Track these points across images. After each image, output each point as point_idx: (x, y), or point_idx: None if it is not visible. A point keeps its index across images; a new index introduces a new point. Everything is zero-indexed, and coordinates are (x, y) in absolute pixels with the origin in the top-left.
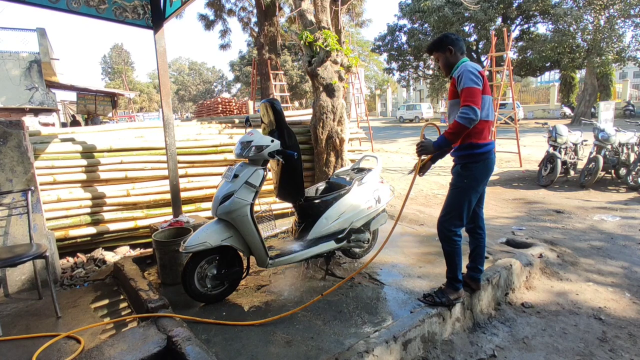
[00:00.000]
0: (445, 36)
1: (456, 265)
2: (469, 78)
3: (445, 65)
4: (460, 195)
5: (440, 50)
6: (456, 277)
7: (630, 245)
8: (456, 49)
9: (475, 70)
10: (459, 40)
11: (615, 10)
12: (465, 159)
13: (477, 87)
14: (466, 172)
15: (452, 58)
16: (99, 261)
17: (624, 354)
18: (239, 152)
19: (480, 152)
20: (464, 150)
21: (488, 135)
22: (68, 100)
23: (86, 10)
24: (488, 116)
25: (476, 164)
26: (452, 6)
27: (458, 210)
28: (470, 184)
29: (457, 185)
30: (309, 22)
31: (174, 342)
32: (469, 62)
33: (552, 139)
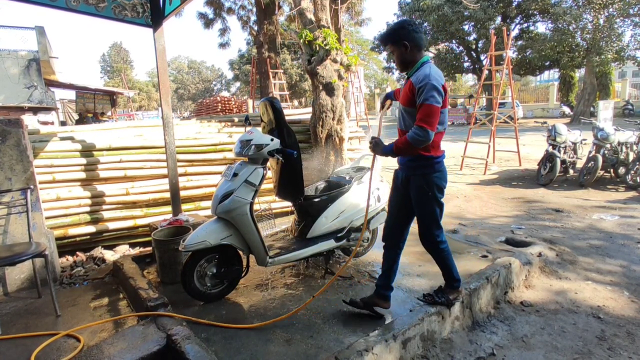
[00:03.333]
0: (401, 27)
1: (451, 266)
2: (432, 95)
3: (399, 61)
4: (430, 206)
5: (394, 44)
6: (453, 277)
7: (629, 244)
8: (413, 44)
9: (440, 85)
10: (418, 32)
11: (614, 10)
12: (423, 169)
13: (439, 105)
14: (429, 183)
15: (408, 55)
16: (99, 260)
17: (622, 352)
18: (238, 151)
19: (438, 161)
20: (420, 161)
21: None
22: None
23: (85, 9)
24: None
25: (436, 173)
26: (451, 5)
27: (433, 219)
28: (435, 194)
29: (424, 200)
30: (309, 20)
31: (173, 340)
32: (433, 71)
33: (551, 138)
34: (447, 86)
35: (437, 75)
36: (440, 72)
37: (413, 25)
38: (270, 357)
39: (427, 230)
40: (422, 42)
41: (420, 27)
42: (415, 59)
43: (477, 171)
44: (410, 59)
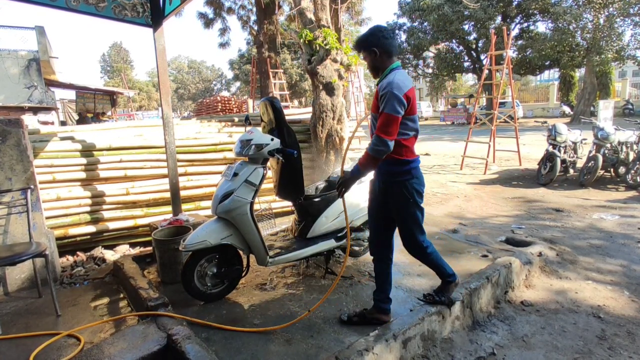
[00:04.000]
0: (371, 33)
1: (441, 265)
2: (391, 104)
3: (370, 67)
4: (411, 212)
5: (365, 50)
6: (447, 273)
7: (629, 244)
8: (382, 50)
9: (401, 93)
10: (388, 39)
11: (614, 9)
12: (400, 175)
13: (398, 115)
14: (408, 190)
15: (378, 61)
16: (99, 260)
17: (622, 352)
18: (238, 151)
19: (414, 166)
20: (396, 166)
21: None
22: (67, 99)
23: (85, 8)
24: (418, 132)
25: (414, 179)
26: (451, 4)
27: (417, 225)
28: (416, 201)
29: (405, 207)
30: (309, 20)
31: (174, 340)
32: (396, 79)
33: (551, 137)
34: (413, 92)
35: (400, 83)
36: (406, 78)
37: (384, 32)
38: (271, 357)
39: (411, 237)
40: (393, 49)
41: (392, 33)
42: (385, 65)
43: (477, 171)
44: (380, 65)
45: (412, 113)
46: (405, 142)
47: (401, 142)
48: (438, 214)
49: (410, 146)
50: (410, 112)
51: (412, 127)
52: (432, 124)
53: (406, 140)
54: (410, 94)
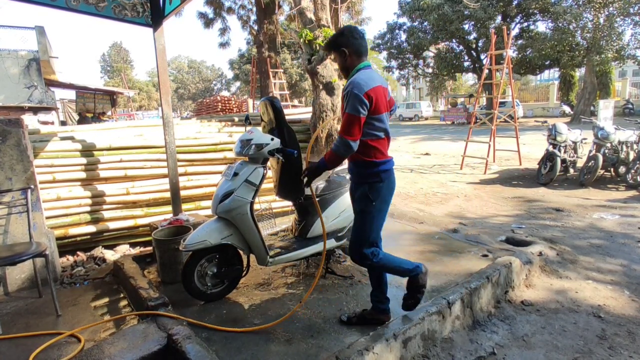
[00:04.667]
0: (340, 33)
1: (398, 266)
2: (352, 103)
3: (340, 68)
4: (370, 219)
5: (335, 50)
6: (407, 269)
7: (629, 244)
8: (351, 50)
9: (362, 93)
10: (357, 39)
11: (614, 9)
12: (368, 177)
13: (359, 115)
14: (373, 193)
15: (348, 62)
16: (99, 259)
17: (622, 352)
18: (238, 151)
19: (383, 169)
20: (365, 168)
21: (387, 151)
22: (67, 99)
23: (85, 8)
24: (388, 133)
25: (381, 183)
26: (451, 4)
27: (369, 233)
28: (379, 206)
29: (366, 210)
30: (309, 20)
31: (174, 340)
32: (359, 78)
33: (551, 137)
34: (378, 91)
35: (361, 82)
36: (369, 78)
37: (353, 32)
38: (271, 357)
39: (359, 242)
40: (362, 49)
41: (361, 33)
42: (353, 65)
43: (477, 170)
44: (349, 66)
45: (377, 112)
46: (373, 142)
47: (368, 143)
48: (438, 213)
49: (380, 147)
50: (375, 112)
51: (379, 127)
52: (432, 123)
53: (374, 141)
54: (373, 93)
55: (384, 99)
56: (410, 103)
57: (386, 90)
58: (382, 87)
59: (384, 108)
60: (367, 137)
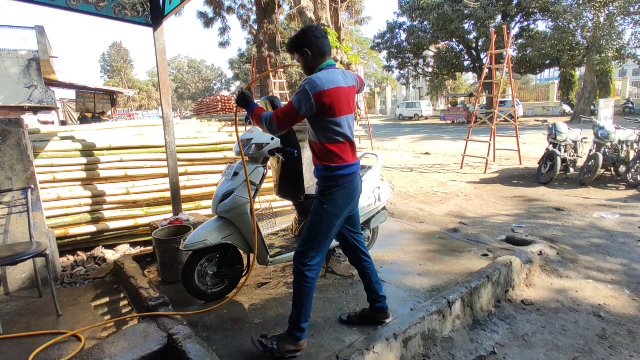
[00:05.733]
0: (302, 34)
1: (302, 307)
2: (297, 97)
3: (303, 68)
4: (319, 223)
5: (297, 51)
6: (299, 324)
7: (630, 243)
8: (314, 50)
9: (312, 93)
10: (320, 38)
11: (615, 8)
12: (326, 181)
13: (298, 110)
14: (326, 197)
15: (310, 62)
16: (99, 259)
17: (623, 351)
18: (239, 150)
19: (341, 174)
20: (323, 172)
21: (350, 157)
22: (67, 99)
23: (85, 8)
24: (349, 137)
25: (337, 188)
26: (451, 3)
27: (317, 240)
28: (331, 211)
29: (316, 211)
30: (309, 19)
31: (174, 340)
32: (318, 77)
33: (551, 136)
34: (335, 93)
35: (318, 82)
36: (327, 79)
37: (315, 32)
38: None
39: (302, 250)
40: (325, 48)
41: (323, 32)
42: (317, 65)
43: (477, 170)
44: (313, 66)
45: (333, 115)
46: (331, 147)
47: (327, 147)
48: (438, 213)
49: (338, 152)
50: (330, 114)
51: (338, 132)
52: (432, 123)
53: (333, 146)
54: (328, 95)
55: (344, 101)
56: (410, 102)
57: (351, 90)
58: (344, 89)
59: (345, 111)
60: (325, 140)
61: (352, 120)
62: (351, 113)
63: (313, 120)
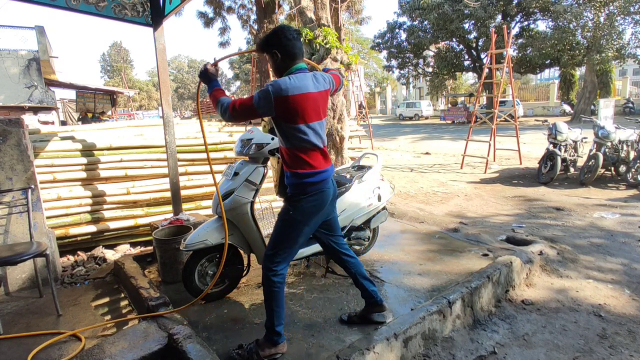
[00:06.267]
0: (273, 34)
1: (273, 311)
2: (259, 95)
3: (273, 69)
4: (285, 229)
5: (267, 52)
6: (273, 327)
7: (630, 243)
8: (284, 52)
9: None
10: (291, 40)
11: (615, 7)
12: (294, 188)
13: (256, 108)
14: (293, 203)
15: (280, 63)
16: (100, 259)
17: (623, 351)
18: (239, 150)
19: (309, 181)
20: (292, 179)
21: (321, 163)
22: (67, 99)
23: (85, 8)
24: (316, 144)
25: (305, 195)
26: (451, 3)
27: (282, 246)
28: (296, 217)
29: (282, 217)
30: (309, 19)
31: (174, 339)
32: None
33: (551, 136)
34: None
35: (283, 86)
36: (297, 84)
37: (286, 32)
38: None
39: (269, 254)
40: (295, 50)
41: (295, 33)
42: (286, 67)
43: (477, 170)
44: (283, 67)
45: (299, 122)
46: (299, 153)
47: (295, 153)
48: (439, 212)
49: (307, 159)
50: (294, 121)
51: (304, 139)
52: (433, 122)
53: (300, 151)
54: (293, 100)
55: (312, 108)
56: (410, 102)
57: (322, 95)
58: (312, 95)
59: (312, 118)
60: (292, 146)
61: (323, 126)
62: (320, 119)
63: (278, 125)
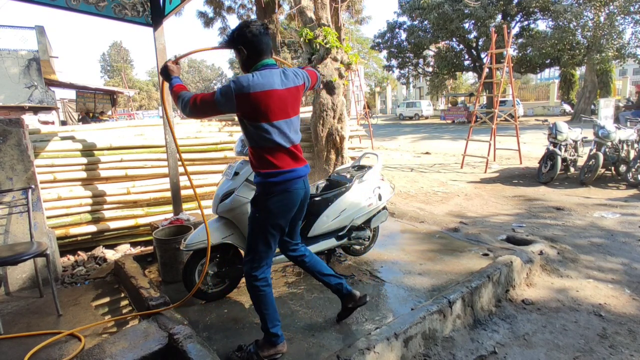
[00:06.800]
0: (238, 29)
1: (265, 315)
2: (220, 90)
3: (240, 66)
4: (256, 232)
5: (233, 48)
6: (268, 329)
7: (630, 242)
8: (250, 48)
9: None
10: (257, 35)
11: (615, 7)
12: (259, 188)
13: (215, 101)
14: (258, 205)
15: (246, 60)
16: (100, 259)
17: (623, 350)
18: (239, 150)
19: (272, 181)
20: (257, 179)
21: (288, 163)
22: (67, 99)
23: (85, 8)
24: (281, 143)
25: (270, 196)
26: (452, 3)
27: (257, 250)
28: (264, 219)
29: (251, 221)
30: (309, 19)
31: (175, 339)
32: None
33: (552, 136)
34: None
35: (245, 83)
36: (261, 82)
37: (252, 28)
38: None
39: (246, 261)
40: (262, 47)
41: (260, 29)
42: (253, 63)
43: (477, 169)
44: (249, 64)
45: (262, 121)
46: (263, 153)
47: (260, 153)
48: (439, 212)
49: (271, 159)
50: (257, 119)
51: (268, 138)
52: (433, 122)
53: (264, 151)
54: (254, 98)
55: (277, 105)
56: (410, 102)
57: (291, 92)
58: (278, 92)
59: (278, 116)
60: (256, 145)
61: (291, 125)
62: (288, 117)
63: (241, 123)
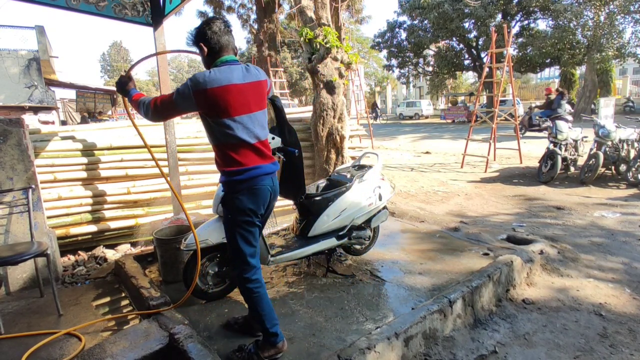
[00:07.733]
0: (200, 27)
1: (262, 316)
2: (178, 90)
3: (203, 63)
4: (233, 234)
5: (195, 46)
6: (267, 330)
7: (631, 242)
8: (210, 46)
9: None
10: (217, 33)
11: (615, 7)
12: (225, 187)
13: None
14: (228, 205)
15: (207, 58)
16: (100, 259)
17: (624, 350)
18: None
19: (237, 179)
20: (222, 177)
21: (251, 160)
22: (67, 98)
23: (85, 8)
24: (244, 139)
25: (237, 194)
26: (452, 2)
27: (240, 252)
28: (236, 219)
29: (225, 223)
30: (309, 18)
31: (175, 339)
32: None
33: (552, 135)
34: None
35: (201, 80)
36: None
37: (212, 25)
38: None
39: (235, 266)
40: (222, 43)
41: (220, 26)
42: (212, 60)
43: (478, 169)
44: (209, 61)
45: (222, 117)
46: (227, 150)
47: (223, 150)
48: (439, 212)
49: (234, 156)
50: (217, 115)
51: (229, 134)
52: (433, 122)
53: (228, 148)
54: (211, 94)
55: (238, 100)
56: (410, 102)
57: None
58: (237, 86)
59: (240, 110)
60: (218, 142)
61: (255, 120)
62: (251, 112)
63: (204, 121)
